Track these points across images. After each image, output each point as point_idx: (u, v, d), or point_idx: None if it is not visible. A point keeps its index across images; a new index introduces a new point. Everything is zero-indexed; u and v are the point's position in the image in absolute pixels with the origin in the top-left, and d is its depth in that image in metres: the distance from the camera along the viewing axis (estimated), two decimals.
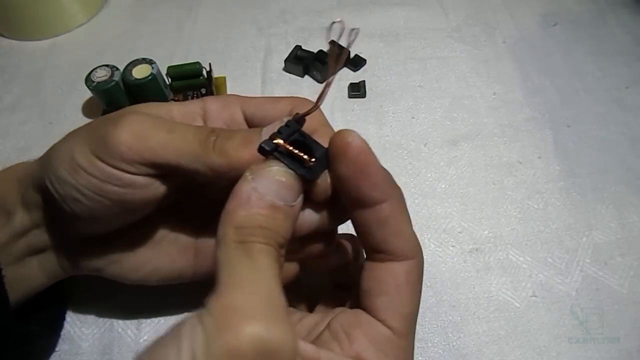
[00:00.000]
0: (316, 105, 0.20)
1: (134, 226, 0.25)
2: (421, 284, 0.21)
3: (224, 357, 0.15)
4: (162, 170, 0.22)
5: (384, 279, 0.20)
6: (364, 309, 0.21)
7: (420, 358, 0.29)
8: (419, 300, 0.21)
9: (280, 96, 0.26)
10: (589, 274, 0.32)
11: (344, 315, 0.21)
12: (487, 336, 0.30)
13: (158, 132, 0.22)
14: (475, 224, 0.35)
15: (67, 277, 0.28)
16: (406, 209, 0.21)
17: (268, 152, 0.19)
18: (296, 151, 0.19)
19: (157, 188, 0.23)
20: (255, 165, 0.19)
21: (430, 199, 0.36)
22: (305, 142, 0.20)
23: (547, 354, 0.29)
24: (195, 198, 0.27)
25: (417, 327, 0.30)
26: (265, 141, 0.19)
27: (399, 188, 0.21)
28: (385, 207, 0.20)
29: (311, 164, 0.20)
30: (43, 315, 0.29)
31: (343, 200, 0.21)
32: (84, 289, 0.32)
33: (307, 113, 0.20)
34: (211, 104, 0.25)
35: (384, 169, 0.20)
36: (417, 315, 0.21)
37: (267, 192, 0.19)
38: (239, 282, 0.17)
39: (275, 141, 0.19)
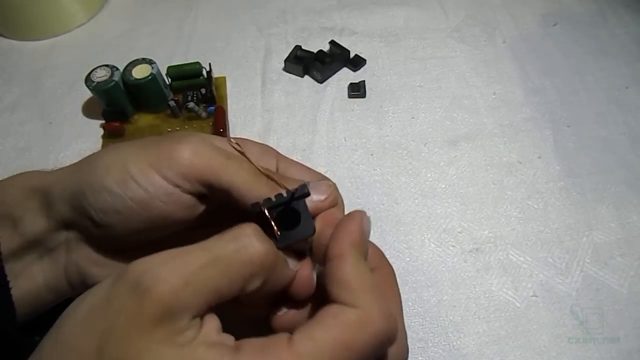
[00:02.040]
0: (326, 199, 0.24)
1: (155, 245, 0.25)
2: (363, 337, 0.19)
3: (112, 279, 0.18)
4: (211, 192, 0.23)
5: (321, 311, 0.20)
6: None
7: (420, 358, 0.29)
8: (348, 350, 0.19)
9: (315, 171, 0.27)
10: (589, 274, 0.32)
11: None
12: (487, 336, 0.30)
13: (218, 156, 0.23)
14: (475, 224, 0.35)
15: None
16: (364, 267, 0.21)
17: (255, 213, 0.21)
18: (272, 222, 0.21)
19: (197, 209, 0.24)
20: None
21: (430, 199, 0.36)
22: (295, 213, 0.22)
23: (547, 354, 0.29)
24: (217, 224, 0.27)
25: (418, 327, 0.30)
26: (255, 204, 0.22)
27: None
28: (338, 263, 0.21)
29: (277, 234, 0.21)
30: (48, 326, 0.28)
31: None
32: None
33: (305, 195, 0.22)
34: (252, 147, 0.26)
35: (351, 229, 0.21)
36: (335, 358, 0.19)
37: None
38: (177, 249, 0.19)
39: (261, 207, 0.21)
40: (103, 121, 0.41)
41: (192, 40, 0.49)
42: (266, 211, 0.21)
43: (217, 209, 0.25)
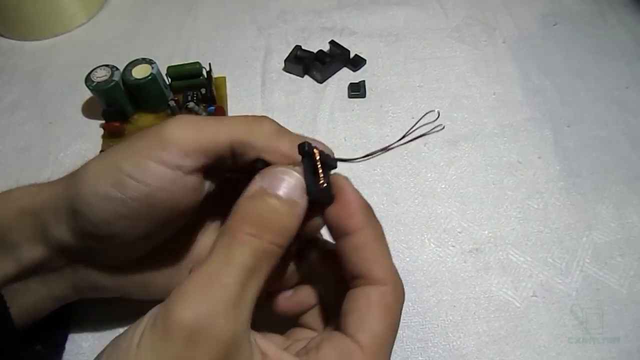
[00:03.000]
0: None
1: (161, 247, 0.25)
2: (399, 311, 0.21)
3: (159, 333, 0.17)
4: (215, 159, 0.22)
5: (357, 299, 0.21)
6: (339, 329, 0.21)
7: (420, 358, 0.29)
8: (395, 327, 0.21)
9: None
10: (589, 274, 0.32)
11: (320, 335, 0.22)
12: (487, 336, 0.30)
13: (208, 121, 0.23)
14: (475, 224, 0.35)
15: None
16: (384, 240, 0.22)
17: (304, 151, 0.21)
18: (320, 170, 0.21)
19: (202, 189, 0.23)
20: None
21: (430, 199, 0.36)
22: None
23: (547, 354, 0.29)
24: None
25: (418, 327, 0.30)
26: (302, 143, 0.21)
27: (377, 220, 0.22)
28: (361, 234, 0.21)
29: (322, 186, 0.21)
30: (47, 335, 0.28)
31: (329, 231, 0.22)
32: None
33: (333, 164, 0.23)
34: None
35: (364, 200, 0.22)
36: (391, 340, 0.21)
37: (270, 186, 0.20)
38: (201, 271, 0.18)
39: (311, 147, 0.21)
40: (103, 121, 0.41)
41: (192, 40, 0.49)
42: (316, 151, 0.21)
43: (215, 197, 0.25)
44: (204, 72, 0.42)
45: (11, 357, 0.24)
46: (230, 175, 0.25)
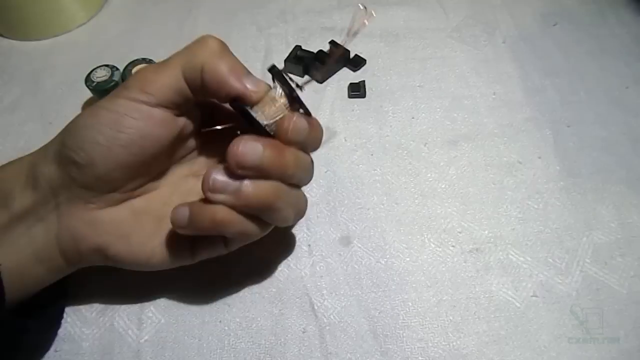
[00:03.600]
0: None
1: (143, 196, 0.27)
2: None
3: None
4: (176, 91, 0.25)
5: None
6: None
7: (420, 358, 0.29)
8: None
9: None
10: (589, 274, 0.32)
11: None
12: (487, 336, 0.30)
13: (164, 61, 0.26)
14: (475, 224, 0.35)
15: (68, 276, 0.28)
16: None
17: (276, 71, 0.26)
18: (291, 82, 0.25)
19: (175, 125, 0.26)
20: None
21: (430, 199, 0.36)
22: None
23: (547, 354, 0.29)
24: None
25: (418, 327, 0.30)
26: (272, 66, 0.26)
27: None
28: None
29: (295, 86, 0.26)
30: (42, 311, 0.28)
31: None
32: (84, 289, 0.32)
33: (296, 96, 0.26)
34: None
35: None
36: None
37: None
38: None
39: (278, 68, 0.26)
40: None
41: (192, 40, 0.49)
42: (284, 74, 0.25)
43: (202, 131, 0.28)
44: None
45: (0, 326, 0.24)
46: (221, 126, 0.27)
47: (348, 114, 0.42)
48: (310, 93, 0.43)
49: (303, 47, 0.45)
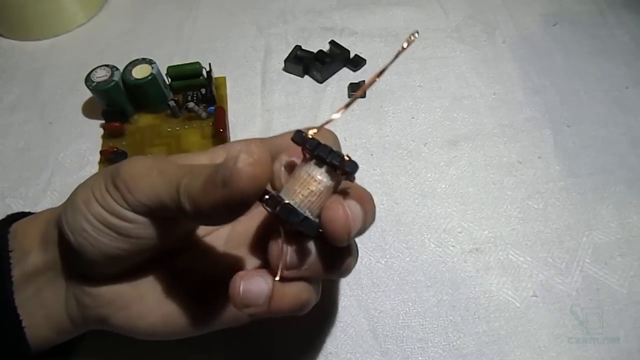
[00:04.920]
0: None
1: (142, 270, 0.25)
2: None
3: None
4: (156, 210, 0.22)
5: None
6: None
7: (420, 358, 0.29)
8: None
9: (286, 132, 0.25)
10: (589, 274, 0.32)
11: None
12: (487, 336, 0.30)
13: (151, 173, 0.21)
14: (475, 224, 0.35)
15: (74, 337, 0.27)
16: None
17: (300, 142, 0.20)
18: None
19: (157, 229, 0.22)
20: None
21: (430, 199, 0.36)
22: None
23: (547, 354, 0.29)
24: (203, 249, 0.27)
25: (418, 327, 0.30)
26: (298, 131, 0.20)
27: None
28: None
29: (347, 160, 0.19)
30: None
31: None
32: (87, 349, 0.31)
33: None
34: (234, 146, 0.25)
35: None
36: None
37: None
38: None
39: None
40: (103, 121, 0.41)
41: (192, 40, 0.49)
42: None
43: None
44: (204, 72, 0.42)
45: None
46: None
47: (348, 114, 0.42)
48: (311, 93, 0.44)
49: (303, 47, 0.45)
